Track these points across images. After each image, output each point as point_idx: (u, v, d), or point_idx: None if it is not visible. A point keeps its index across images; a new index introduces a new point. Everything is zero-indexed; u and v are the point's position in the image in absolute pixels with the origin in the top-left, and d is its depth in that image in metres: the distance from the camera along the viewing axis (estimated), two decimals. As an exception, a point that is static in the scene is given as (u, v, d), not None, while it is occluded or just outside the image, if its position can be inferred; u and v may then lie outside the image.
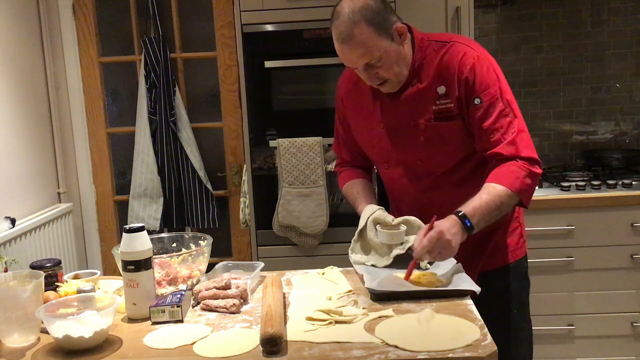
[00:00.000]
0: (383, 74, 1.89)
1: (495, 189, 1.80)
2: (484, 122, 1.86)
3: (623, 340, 3.10)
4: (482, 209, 1.79)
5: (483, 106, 1.85)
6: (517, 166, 1.82)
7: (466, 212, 1.78)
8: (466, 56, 1.88)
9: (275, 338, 1.46)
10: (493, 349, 1.44)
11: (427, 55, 1.94)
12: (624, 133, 3.67)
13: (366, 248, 2.06)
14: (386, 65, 1.87)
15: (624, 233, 3.01)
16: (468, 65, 1.86)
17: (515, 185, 1.80)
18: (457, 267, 1.91)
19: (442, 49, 1.92)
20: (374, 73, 1.89)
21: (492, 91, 1.85)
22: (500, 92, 1.86)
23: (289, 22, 2.99)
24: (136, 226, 1.74)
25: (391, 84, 1.94)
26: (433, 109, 1.92)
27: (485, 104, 1.85)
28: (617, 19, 3.57)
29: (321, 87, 3.14)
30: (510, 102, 1.88)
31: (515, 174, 1.81)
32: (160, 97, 3.45)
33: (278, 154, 3.01)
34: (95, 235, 3.72)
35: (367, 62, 1.86)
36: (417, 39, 1.95)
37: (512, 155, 1.84)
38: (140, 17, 3.54)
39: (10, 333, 1.61)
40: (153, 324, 1.70)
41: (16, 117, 3.20)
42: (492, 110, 1.85)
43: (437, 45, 1.94)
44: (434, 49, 1.93)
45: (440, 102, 1.91)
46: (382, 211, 2.02)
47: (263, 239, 3.12)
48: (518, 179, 1.81)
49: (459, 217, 1.78)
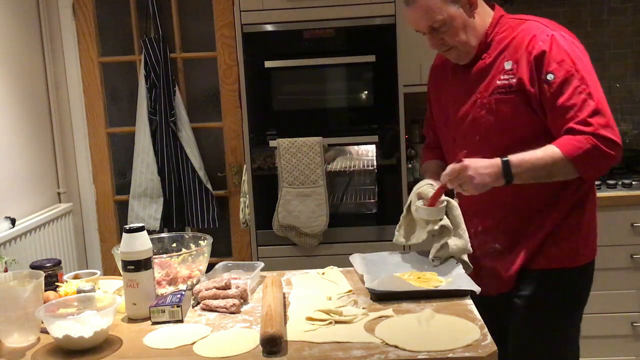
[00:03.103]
0: (448, 41, 1.88)
1: (552, 149, 1.74)
2: (557, 99, 1.77)
3: (623, 340, 3.10)
4: (530, 162, 1.75)
5: (556, 82, 1.77)
6: (584, 137, 1.73)
7: (512, 159, 1.76)
8: (539, 32, 1.82)
9: (275, 338, 1.46)
10: (493, 349, 1.44)
11: (502, 32, 1.90)
12: (624, 133, 3.66)
13: (412, 223, 2.05)
14: (451, 32, 1.86)
15: (624, 233, 3.00)
16: (540, 41, 1.80)
17: (573, 153, 1.72)
18: (457, 267, 1.91)
19: (518, 26, 1.88)
20: (440, 39, 1.89)
21: (566, 66, 1.77)
22: (574, 67, 1.77)
23: (289, 22, 2.99)
24: (136, 226, 1.74)
25: (457, 52, 1.92)
26: (497, 84, 1.87)
27: (559, 80, 1.77)
28: (617, 19, 3.57)
29: (321, 87, 3.15)
30: (587, 80, 1.77)
31: (579, 143, 1.72)
32: (160, 97, 3.45)
33: (278, 154, 3.01)
34: (95, 235, 3.72)
35: (430, 25, 1.86)
36: (497, 15, 1.92)
37: (585, 132, 1.73)
38: (140, 17, 3.54)
39: (10, 333, 1.61)
40: (153, 324, 1.70)
41: (16, 117, 3.20)
42: (566, 87, 1.76)
43: (515, 22, 1.90)
44: (511, 26, 1.90)
45: (504, 77, 1.86)
46: (429, 186, 1.98)
47: (263, 239, 3.12)
48: (580, 148, 1.72)
49: (503, 161, 1.76)
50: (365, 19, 2.97)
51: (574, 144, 1.73)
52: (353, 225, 3.14)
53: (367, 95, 3.11)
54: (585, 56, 1.84)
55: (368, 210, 3.19)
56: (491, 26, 1.92)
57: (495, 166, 1.77)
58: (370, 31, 3.00)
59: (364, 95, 3.12)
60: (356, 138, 3.12)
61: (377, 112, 3.06)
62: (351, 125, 3.13)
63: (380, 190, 3.13)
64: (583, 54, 1.84)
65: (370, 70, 3.03)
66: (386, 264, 2.05)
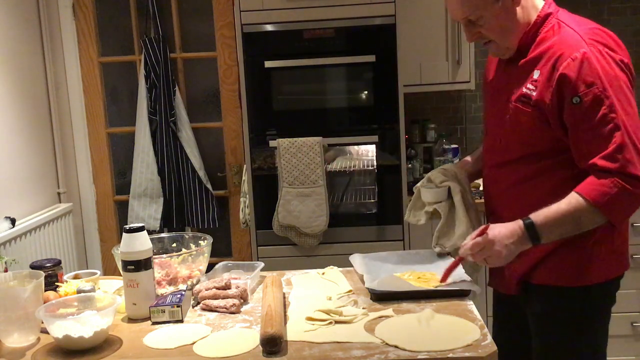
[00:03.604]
0: (486, 34, 1.78)
1: (577, 200, 1.62)
2: (581, 126, 1.64)
3: (623, 340, 3.10)
4: (556, 220, 1.64)
5: (582, 107, 1.62)
6: (610, 181, 1.59)
7: (535, 220, 1.65)
8: (571, 48, 1.66)
9: (275, 338, 1.46)
10: (493, 349, 1.44)
11: (544, 32, 1.76)
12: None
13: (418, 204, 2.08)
14: (488, 26, 1.75)
15: (624, 233, 3.00)
16: (569, 58, 1.64)
17: (601, 200, 1.59)
18: (458, 267, 1.91)
19: (557, 32, 1.73)
20: (476, 31, 1.79)
21: (595, 90, 1.61)
22: (604, 92, 1.60)
23: (289, 22, 2.99)
24: (136, 226, 1.74)
25: (496, 47, 1.81)
26: (523, 91, 1.75)
27: (585, 105, 1.62)
28: (617, 19, 3.57)
29: (321, 87, 3.15)
30: (617, 107, 1.60)
31: (605, 188, 1.59)
32: (160, 97, 3.45)
33: (278, 154, 3.01)
34: (95, 235, 3.72)
35: (467, 17, 1.76)
36: (543, 13, 1.77)
37: (610, 170, 1.60)
38: (140, 17, 3.54)
39: (10, 333, 1.61)
40: (153, 324, 1.70)
41: (16, 117, 3.20)
42: (593, 114, 1.61)
43: (557, 25, 1.75)
44: (552, 29, 1.75)
45: (530, 86, 1.73)
46: (439, 171, 1.99)
47: (263, 239, 3.12)
48: (606, 194, 1.59)
49: (525, 224, 1.65)
50: (365, 19, 2.97)
51: (599, 189, 1.60)
52: (353, 225, 3.14)
53: (367, 95, 3.11)
54: (623, 73, 1.67)
55: (368, 210, 3.19)
56: (535, 24, 1.77)
57: (517, 231, 1.66)
58: (370, 31, 3.00)
59: (364, 95, 3.12)
60: (356, 138, 3.12)
61: (377, 112, 3.06)
62: (351, 125, 3.12)
63: (380, 190, 3.13)
64: (621, 71, 1.67)
65: (370, 70, 3.03)
66: (386, 264, 2.05)
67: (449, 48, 3.24)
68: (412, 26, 3.18)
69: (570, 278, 1.78)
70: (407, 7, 3.12)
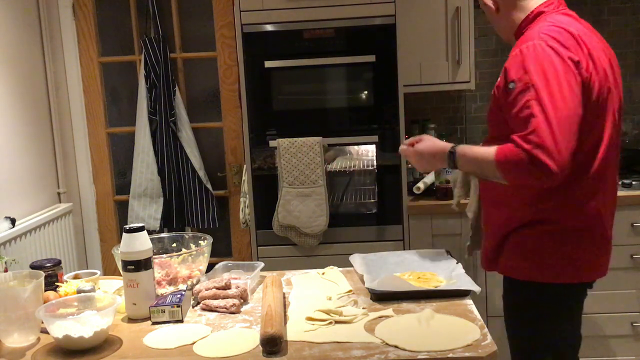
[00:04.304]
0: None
1: (490, 152, 1.78)
2: (511, 109, 1.79)
3: (623, 340, 3.10)
4: (472, 158, 1.86)
5: (514, 93, 1.78)
6: (518, 150, 1.72)
7: (458, 150, 1.89)
8: (526, 40, 1.82)
9: (275, 338, 1.46)
10: (493, 349, 1.44)
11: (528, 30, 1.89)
12: (624, 133, 3.66)
13: None
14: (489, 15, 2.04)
15: (624, 233, 3.00)
16: (518, 49, 1.81)
17: (499, 156, 1.74)
18: (457, 267, 1.91)
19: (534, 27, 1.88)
20: None
21: (527, 78, 1.75)
22: (532, 80, 1.74)
23: (289, 22, 2.99)
24: (136, 226, 1.74)
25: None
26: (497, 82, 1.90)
27: (516, 90, 1.77)
28: (617, 19, 3.57)
29: (321, 87, 3.14)
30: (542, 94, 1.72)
31: (510, 149, 1.72)
32: (160, 97, 3.45)
33: (278, 154, 3.01)
34: (95, 235, 3.72)
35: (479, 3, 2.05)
36: (533, 13, 1.92)
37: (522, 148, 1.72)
38: (140, 17, 3.54)
39: (10, 333, 1.61)
40: (153, 324, 1.70)
41: (16, 117, 3.20)
42: (520, 98, 1.76)
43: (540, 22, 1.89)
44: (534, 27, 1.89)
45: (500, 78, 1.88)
46: None
47: (263, 239, 3.12)
48: (510, 161, 1.73)
49: (449, 150, 1.90)
50: (365, 19, 2.97)
51: (507, 153, 1.74)
52: (353, 225, 3.14)
53: (367, 95, 3.11)
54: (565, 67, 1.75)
55: (368, 210, 3.19)
56: (525, 20, 1.93)
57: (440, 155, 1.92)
58: (370, 31, 3.00)
59: (364, 95, 3.12)
60: (356, 138, 3.12)
61: (377, 112, 3.07)
62: (351, 125, 3.13)
63: (380, 190, 3.13)
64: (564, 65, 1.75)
65: (370, 70, 3.03)
66: (386, 264, 2.05)
67: (449, 48, 3.24)
68: (412, 26, 3.18)
69: (522, 272, 1.90)
70: (407, 7, 3.12)
